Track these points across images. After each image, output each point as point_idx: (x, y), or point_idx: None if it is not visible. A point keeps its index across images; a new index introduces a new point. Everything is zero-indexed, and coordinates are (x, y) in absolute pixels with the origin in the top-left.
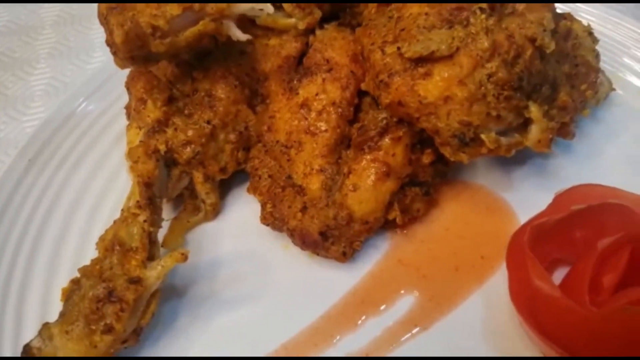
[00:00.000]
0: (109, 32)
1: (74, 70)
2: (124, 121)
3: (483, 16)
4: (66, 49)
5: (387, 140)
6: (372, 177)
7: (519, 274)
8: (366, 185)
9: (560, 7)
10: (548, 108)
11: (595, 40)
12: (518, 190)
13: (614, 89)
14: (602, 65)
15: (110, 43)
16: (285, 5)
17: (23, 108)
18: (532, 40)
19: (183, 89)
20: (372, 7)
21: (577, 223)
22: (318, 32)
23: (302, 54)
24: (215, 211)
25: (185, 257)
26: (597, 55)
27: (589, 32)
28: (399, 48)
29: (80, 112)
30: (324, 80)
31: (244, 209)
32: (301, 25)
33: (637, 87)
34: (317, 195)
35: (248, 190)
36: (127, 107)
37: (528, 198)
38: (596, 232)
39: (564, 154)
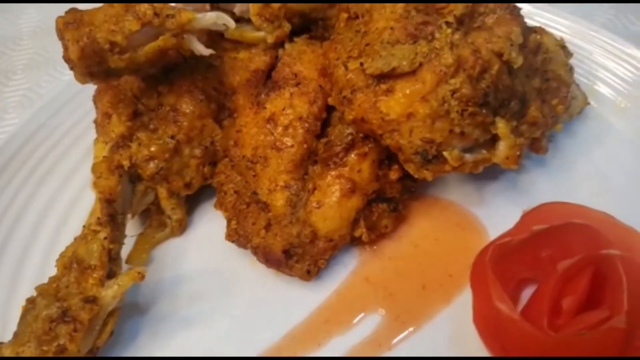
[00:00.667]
0: (65, 48)
1: (51, 81)
2: (94, 134)
3: (449, 31)
4: (44, 60)
5: (352, 156)
6: (337, 194)
7: (481, 294)
8: (331, 202)
9: (536, 20)
10: (517, 124)
11: (568, 54)
12: (489, 206)
13: (588, 103)
14: (578, 78)
15: (66, 59)
16: (254, 19)
17: None
18: (500, 55)
19: (148, 103)
20: (342, 20)
21: (542, 243)
22: (287, 45)
23: (272, 68)
24: (182, 227)
25: (142, 276)
26: (570, 69)
27: (562, 45)
28: (361, 64)
29: (50, 125)
30: (291, 94)
31: (211, 224)
32: (270, 39)
33: (612, 101)
34: (281, 212)
35: (215, 206)
36: (96, 121)
37: (499, 214)
38: (562, 252)
39: (537, 168)
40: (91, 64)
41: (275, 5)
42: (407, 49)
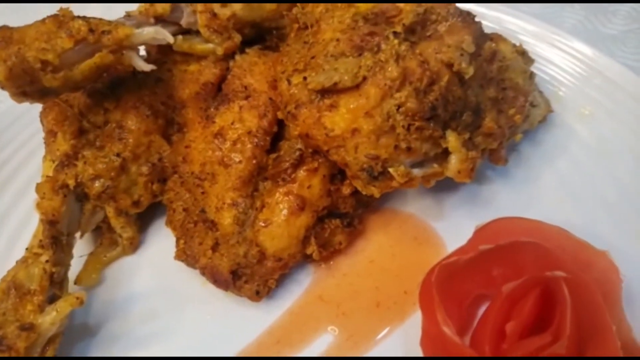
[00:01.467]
0: None
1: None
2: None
3: (395, 42)
4: None
5: (302, 172)
6: (285, 212)
7: (428, 315)
8: (279, 220)
9: (501, 25)
10: (471, 135)
11: (529, 61)
12: (449, 219)
13: (551, 111)
14: (541, 84)
15: None
16: (202, 31)
17: None
18: (449, 65)
19: (94, 120)
20: (293, 30)
21: (492, 261)
22: (238, 57)
23: (223, 80)
24: (134, 245)
25: (81, 302)
26: (530, 76)
27: (521, 52)
28: (305, 78)
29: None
30: (241, 108)
31: (164, 242)
32: (219, 51)
33: (577, 108)
34: (229, 231)
35: (166, 224)
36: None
37: (458, 227)
38: (512, 270)
39: (499, 178)
40: (22, 83)
41: (224, 17)
42: (350, 62)
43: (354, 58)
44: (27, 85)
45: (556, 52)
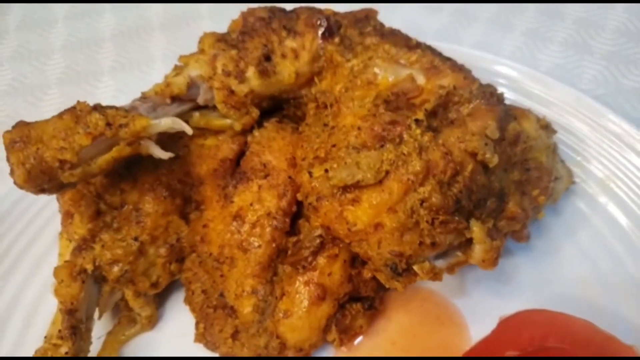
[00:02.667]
0: (10, 171)
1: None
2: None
3: (418, 132)
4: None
5: (322, 258)
6: (306, 302)
7: None
8: (299, 312)
9: (522, 91)
10: (495, 221)
11: (551, 132)
12: (471, 296)
13: (574, 182)
14: (563, 153)
15: (14, 181)
16: (220, 106)
17: None
18: (474, 154)
19: (111, 201)
20: (311, 109)
21: None
22: (256, 132)
23: (241, 155)
24: (152, 322)
25: None
26: (553, 151)
27: (545, 125)
28: (326, 171)
29: (15, 213)
30: (260, 187)
31: (182, 317)
32: (237, 127)
33: (599, 178)
34: (248, 319)
35: (184, 302)
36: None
37: (481, 305)
38: None
39: (521, 251)
40: (40, 182)
41: (241, 93)
42: (373, 157)
43: (376, 151)
44: (45, 183)
45: (579, 119)
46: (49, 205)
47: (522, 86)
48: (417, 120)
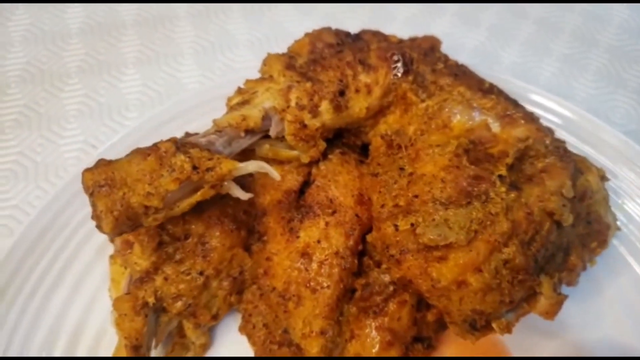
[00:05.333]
0: (97, 217)
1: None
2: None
3: (502, 189)
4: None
5: (392, 304)
6: (377, 347)
7: None
8: (370, 356)
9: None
10: (559, 274)
11: (604, 180)
12: (519, 331)
13: (619, 229)
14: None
15: (97, 226)
16: (289, 138)
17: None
18: (551, 214)
19: (174, 232)
20: (380, 146)
21: None
22: (322, 165)
23: (303, 185)
24: (205, 349)
25: None
26: (607, 200)
27: (602, 176)
28: (412, 225)
29: (56, 226)
30: (327, 224)
31: (234, 343)
32: (305, 159)
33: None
34: None
35: (240, 330)
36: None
37: (527, 343)
38: None
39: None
40: (124, 228)
41: (313, 127)
42: (462, 216)
43: (465, 209)
44: (127, 228)
45: (624, 167)
46: (88, 220)
47: (575, 128)
48: (500, 177)
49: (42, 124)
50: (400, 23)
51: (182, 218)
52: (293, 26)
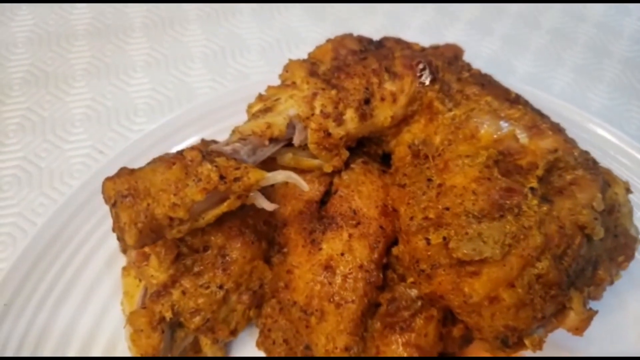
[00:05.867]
0: (119, 229)
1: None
2: (115, 242)
3: (534, 202)
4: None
5: (420, 320)
6: None
7: None
8: None
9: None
10: (588, 289)
11: (629, 193)
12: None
13: None
14: None
15: (119, 238)
16: (312, 147)
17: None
18: (582, 227)
19: (192, 243)
20: (405, 155)
21: None
22: (344, 174)
23: (325, 194)
24: None
25: None
26: (632, 213)
27: (627, 189)
28: (445, 238)
29: (65, 236)
30: (350, 236)
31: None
32: (327, 169)
33: None
34: None
35: (257, 345)
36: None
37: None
38: None
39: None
40: (148, 241)
41: (337, 136)
42: (496, 230)
43: (498, 222)
44: (150, 241)
45: None
46: (100, 227)
47: (605, 147)
48: (532, 189)
49: (46, 128)
50: (414, 30)
51: (201, 229)
52: (305, 31)
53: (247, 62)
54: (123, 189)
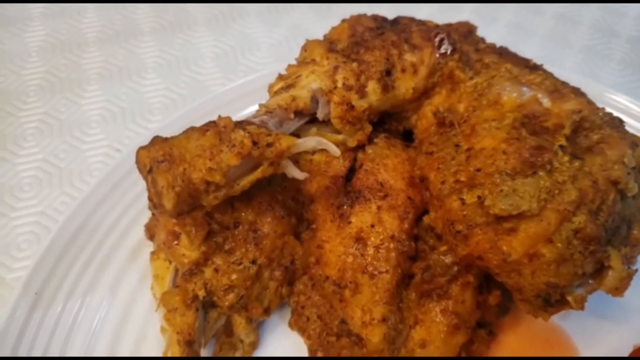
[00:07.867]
0: (156, 194)
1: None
2: (140, 232)
3: (565, 159)
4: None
5: (456, 286)
6: (443, 333)
7: None
8: (437, 342)
9: None
10: (624, 248)
11: None
12: (577, 318)
13: None
14: None
15: (157, 204)
16: (335, 121)
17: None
18: (616, 183)
19: (222, 220)
20: (430, 125)
21: None
22: (368, 149)
23: (350, 172)
24: (254, 348)
25: None
26: None
27: None
28: (479, 197)
29: (90, 226)
30: (379, 208)
31: (282, 340)
32: (351, 143)
33: None
34: (378, 348)
35: (290, 326)
36: (149, 227)
37: (588, 328)
38: None
39: None
40: (185, 207)
41: (361, 108)
42: (530, 185)
43: (531, 178)
44: (186, 207)
45: None
46: (125, 216)
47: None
48: (562, 147)
49: (63, 131)
50: None
51: (230, 206)
52: (312, 27)
53: (257, 59)
54: (158, 155)
